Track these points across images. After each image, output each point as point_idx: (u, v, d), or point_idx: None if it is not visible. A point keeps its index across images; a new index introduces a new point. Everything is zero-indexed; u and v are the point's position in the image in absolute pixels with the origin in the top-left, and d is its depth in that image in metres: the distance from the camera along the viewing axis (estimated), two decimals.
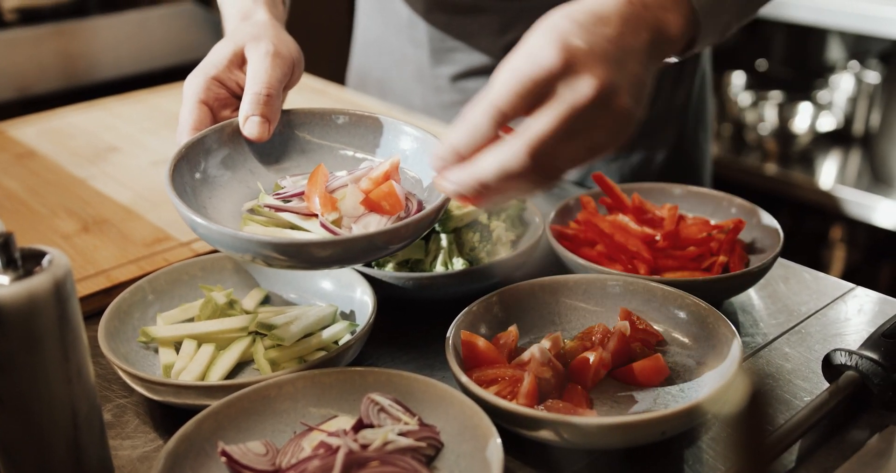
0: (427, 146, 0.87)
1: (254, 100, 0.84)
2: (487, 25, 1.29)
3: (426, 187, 0.86)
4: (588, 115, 0.67)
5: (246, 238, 0.72)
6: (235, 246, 0.73)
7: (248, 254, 0.73)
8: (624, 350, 0.81)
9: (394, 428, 0.69)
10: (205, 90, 0.86)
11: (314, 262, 0.74)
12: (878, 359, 0.77)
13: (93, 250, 1.03)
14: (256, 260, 0.74)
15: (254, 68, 0.86)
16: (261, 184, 0.87)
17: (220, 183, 0.85)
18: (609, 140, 0.70)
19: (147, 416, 0.80)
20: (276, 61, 0.86)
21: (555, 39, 0.68)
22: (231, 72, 0.88)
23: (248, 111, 0.84)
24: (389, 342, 0.90)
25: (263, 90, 0.84)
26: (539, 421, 0.69)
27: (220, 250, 0.76)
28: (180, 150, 0.82)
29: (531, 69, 0.68)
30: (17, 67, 1.64)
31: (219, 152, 0.85)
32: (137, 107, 1.50)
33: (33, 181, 1.23)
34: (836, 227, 2.40)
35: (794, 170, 2.32)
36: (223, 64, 0.87)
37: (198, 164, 0.83)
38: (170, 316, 0.89)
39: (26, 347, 0.61)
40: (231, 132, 0.86)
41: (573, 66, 0.67)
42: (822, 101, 2.42)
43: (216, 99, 0.88)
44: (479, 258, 0.94)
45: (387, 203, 0.81)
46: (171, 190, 0.77)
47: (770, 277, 1.00)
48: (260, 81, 0.85)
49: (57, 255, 0.63)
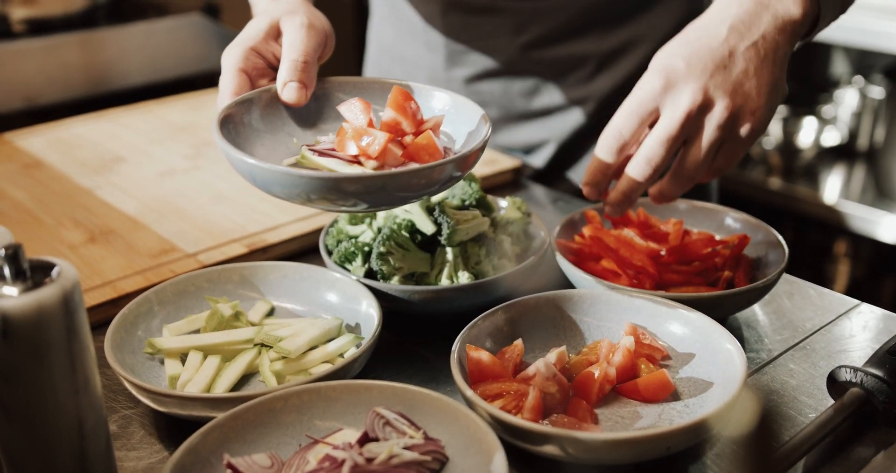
0: (459, 107, 0.91)
1: (291, 66, 0.89)
2: (502, 26, 1.31)
3: (459, 146, 0.90)
4: (694, 122, 0.81)
5: (306, 174, 0.75)
6: (292, 184, 0.76)
7: (304, 193, 0.77)
8: (629, 365, 0.81)
9: (399, 442, 0.69)
10: (243, 59, 0.90)
11: (358, 197, 0.77)
12: (883, 376, 0.77)
13: (99, 261, 1.04)
14: (310, 198, 0.77)
15: (290, 38, 0.90)
16: (297, 141, 0.91)
17: (261, 143, 0.88)
18: (736, 134, 0.82)
19: (153, 427, 0.81)
20: (310, 32, 0.90)
21: (657, 64, 0.84)
22: (268, 43, 0.91)
23: (286, 77, 0.89)
24: (395, 355, 0.91)
25: (301, 57, 0.89)
26: (544, 436, 0.69)
27: (274, 194, 0.79)
28: (224, 110, 0.86)
29: (638, 94, 0.84)
30: (25, 78, 1.65)
31: (258, 115, 0.89)
32: (144, 118, 1.51)
33: (40, 191, 1.23)
34: (841, 242, 2.40)
35: (799, 184, 2.32)
36: (260, 36, 0.91)
37: (239, 125, 0.87)
38: (176, 327, 0.89)
39: (34, 358, 0.61)
40: (269, 98, 0.90)
41: (672, 84, 0.82)
42: (826, 116, 2.43)
43: (254, 68, 0.91)
44: (484, 272, 0.95)
45: (426, 153, 0.84)
46: (220, 138, 0.81)
47: (775, 293, 1.00)
48: (297, 49, 0.89)
49: (66, 267, 0.63)
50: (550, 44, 1.31)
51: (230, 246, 1.07)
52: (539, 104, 1.36)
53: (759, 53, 0.84)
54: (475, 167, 1.24)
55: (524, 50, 1.32)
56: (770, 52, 0.85)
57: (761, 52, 0.84)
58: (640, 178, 0.85)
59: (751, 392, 0.72)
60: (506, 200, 1.05)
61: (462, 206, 0.98)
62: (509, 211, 1.03)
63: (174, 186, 1.24)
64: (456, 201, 0.99)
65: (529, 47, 1.31)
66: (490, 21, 1.31)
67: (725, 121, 0.83)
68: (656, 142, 0.83)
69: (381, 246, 0.92)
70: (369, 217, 1.00)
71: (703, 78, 0.83)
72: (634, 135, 0.85)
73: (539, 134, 1.38)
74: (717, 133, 0.83)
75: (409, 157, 0.85)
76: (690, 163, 0.84)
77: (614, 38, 1.32)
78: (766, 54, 0.85)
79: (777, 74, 0.85)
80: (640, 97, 0.85)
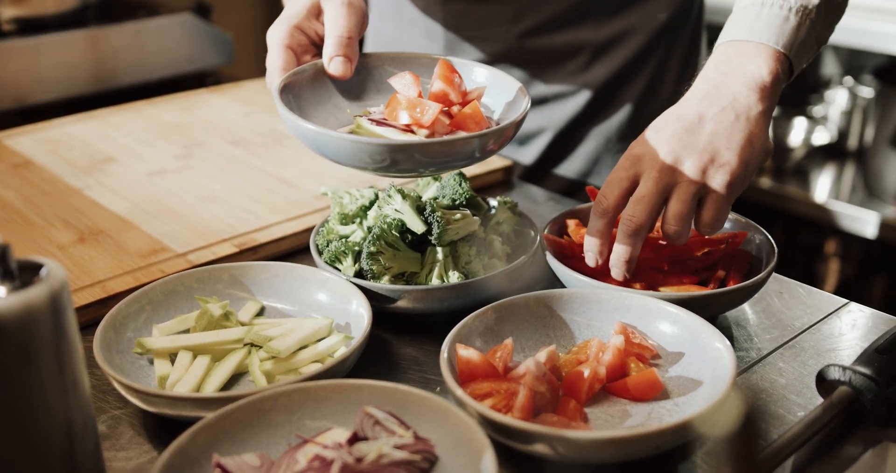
0: (498, 80, 0.97)
1: (337, 42, 0.93)
2: (502, 13, 1.33)
3: (497, 116, 0.96)
4: (668, 179, 0.87)
5: (374, 142, 0.81)
6: (358, 151, 0.82)
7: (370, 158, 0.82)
8: (619, 364, 0.82)
9: (388, 441, 0.69)
10: (288, 37, 0.95)
11: (416, 162, 0.83)
12: (871, 375, 0.77)
13: (88, 261, 1.03)
14: (374, 164, 0.83)
15: (332, 16, 0.94)
16: (350, 111, 0.96)
17: (313, 114, 0.93)
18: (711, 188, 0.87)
19: (142, 428, 0.80)
20: (350, 10, 0.94)
21: (636, 140, 0.91)
22: (310, 21, 0.96)
23: (332, 52, 0.93)
24: (385, 355, 0.91)
25: (345, 33, 0.93)
26: (533, 435, 0.69)
27: (338, 160, 0.85)
28: (283, 79, 0.91)
29: (617, 165, 0.90)
30: (14, 78, 1.65)
31: (309, 88, 0.94)
32: (134, 118, 1.51)
33: (29, 191, 1.23)
34: (831, 241, 2.41)
35: (789, 184, 2.33)
36: (303, 14, 0.95)
37: (294, 96, 0.92)
38: (165, 327, 0.89)
39: (22, 359, 0.61)
40: (315, 71, 0.95)
41: (647, 151, 0.88)
42: (816, 116, 2.43)
43: (298, 45, 0.96)
44: (474, 271, 0.95)
45: (472, 122, 0.89)
46: (284, 107, 0.86)
47: (764, 292, 1.00)
48: (341, 26, 0.93)
49: (54, 267, 0.63)
50: (547, 32, 1.33)
51: (220, 245, 1.07)
52: (536, 93, 1.38)
53: (729, 115, 0.88)
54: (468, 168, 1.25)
55: (522, 38, 1.34)
56: (742, 112, 0.88)
57: (731, 114, 0.88)
58: (625, 239, 0.88)
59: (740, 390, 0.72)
60: (496, 200, 1.05)
61: (452, 206, 0.98)
62: (499, 210, 1.03)
63: (164, 186, 1.24)
64: (446, 201, 0.99)
65: (527, 35, 1.33)
66: (489, 9, 1.33)
67: (696, 174, 0.86)
68: (634, 201, 0.87)
69: (371, 245, 0.92)
70: (359, 216, 1.00)
71: (673, 141, 0.88)
72: (617, 201, 0.89)
73: (536, 122, 1.40)
74: (690, 187, 0.86)
75: (457, 126, 0.90)
76: (669, 216, 0.88)
77: (609, 28, 1.34)
78: (738, 115, 0.88)
79: (753, 131, 0.88)
80: (618, 167, 0.90)
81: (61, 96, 1.72)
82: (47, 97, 1.70)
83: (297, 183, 1.24)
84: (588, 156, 1.41)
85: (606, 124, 1.39)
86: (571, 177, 1.43)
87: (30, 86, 1.68)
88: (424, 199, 0.99)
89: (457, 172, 1.01)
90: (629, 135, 1.38)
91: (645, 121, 0.93)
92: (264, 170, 1.29)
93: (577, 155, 1.41)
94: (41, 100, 1.69)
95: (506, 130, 0.87)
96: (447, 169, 0.88)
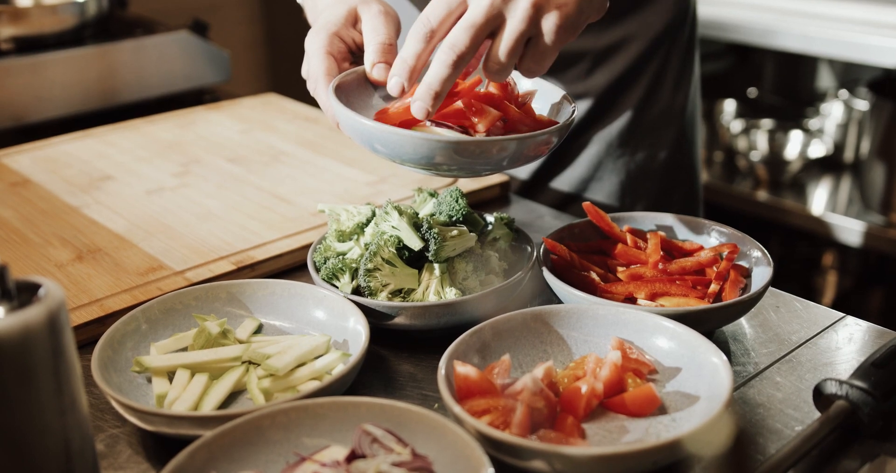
0: (542, 87, 0.99)
1: (378, 49, 0.94)
2: None
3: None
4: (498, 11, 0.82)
5: (435, 138, 0.82)
6: (420, 147, 0.83)
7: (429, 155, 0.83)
8: (616, 380, 0.82)
9: (386, 459, 0.69)
10: (329, 44, 0.96)
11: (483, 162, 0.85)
12: (868, 389, 0.77)
13: (86, 279, 1.04)
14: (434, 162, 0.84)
15: (371, 24, 0.96)
16: None
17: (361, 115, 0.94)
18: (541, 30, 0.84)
19: (140, 446, 0.80)
20: (388, 18, 0.96)
21: None
22: (347, 29, 0.97)
23: (374, 58, 0.94)
24: (382, 372, 0.91)
25: (386, 39, 0.94)
26: (531, 452, 0.69)
27: (397, 160, 0.86)
28: (335, 84, 0.92)
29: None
30: (12, 96, 1.65)
31: (355, 92, 0.96)
32: (131, 136, 1.51)
33: (27, 209, 1.23)
34: (828, 253, 2.41)
35: (785, 196, 2.34)
36: (341, 22, 0.97)
37: (344, 98, 0.92)
38: (163, 345, 0.89)
39: (20, 379, 0.61)
40: (358, 77, 0.96)
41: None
42: (812, 129, 2.44)
43: (338, 52, 0.97)
44: (471, 287, 0.95)
45: (524, 124, 0.91)
46: (340, 106, 0.87)
47: (761, 306, 1.00)
48: (381, 33, 0.95)
49: (52, 287, 0.63)
50: None
51: (218, 263, 1.07)
52: None
53: None
54: (462, 182, 1.26)
55: None
56: None
57: None
58: (444, 66, 0.84)
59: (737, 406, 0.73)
60: (492, 216, 1.05)
61: (449, 222, 0.99)
62: (496, 226, 1.04)
63: (162, 204, 1.24)
64: (443, 217, 0.99)
65: None
66: None
67: (529, 11, 0.83)
68: (459, 29, 0.84)
69: (368, 262, 0.92)
70: (357, 233, 1.00)
71: None
72: (441, 24, 0.86)
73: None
74: (521, 25, 0.83)
75: (511, 128, 0.91)
76: (494, 54, 0.85)
77: (609, 36, 1.36)
78: None
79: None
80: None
81: (60, 115, 1.72)
82: (46, 116, 1.70)
83: (295, 199, 1.25)
84: (590, 163, 1.42)
85: (607, 130, 1.41)
86: (568, 190, 1.43)
87: (28, 104, 1.68)
88: (421, 216, 0.99)
89: (454, 189, 1.02)
90: (629, 140, 1.39)
91: (644, 126, 0.92)
92: (261, 187, 1.29)
93: (579, 161, 1.43)
94: (39, 119, 1.70)
95: (559, 129, 0.88)
96: (509, 167, 0.88)
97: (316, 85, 0.95)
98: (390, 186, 1.29)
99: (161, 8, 2.49)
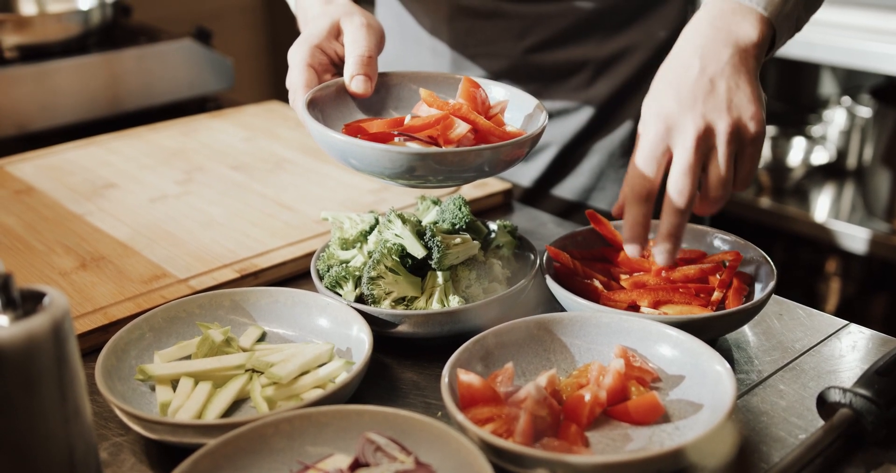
0: (515, 96, 1.00)
1: (357, 61, 0.96)
2: (508, 30, 1.36)
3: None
4: (705, 145, 0.84)
5: (403, 151, 0.83)
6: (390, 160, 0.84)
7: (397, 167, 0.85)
8: (619, 388, 0.82)
9: (390, 467, 0.69)
10: (310, 56, 0.97)
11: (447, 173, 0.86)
12: (872, 397, 0.77)
13: (90, 287, 1.04)
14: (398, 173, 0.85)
15: (352, 36, 0.97)
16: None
17: (336, 128, 0.94)
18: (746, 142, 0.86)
19: (143, 455, 0.80)
20: (370, 31, 0.98)
21: (651, 111, 0.87)
22: (330, 41, 0.98)
23: (353, 70, 0.96)
24: (385, 380, 0.91)
25: (365, 52, 0.96)
26: (535, 460, 0.69)
27: (370, 172, 0.87)
28: (308, 98, 0.93)
29: (645, 141, 0.86)
30: (16, 104, 1.65)
31: (332, 105, 0.97)
32: (135, 144, 1.51)
33: (31, 217, 1.23)
34: (831, 260, 2.41)
35: (789, 203, 2.33)
36: (323, 34, 0.98)
37: (319, 111, 0.95)
38: (167, 353, 0.89)
39: (24, 388, 0.61)
40: (337, 89, 0.98)
41: (673, 123, 0.85)
42: (815, 135, 2.44)
43: (319, 64, 0.98)
44: (474, 295, 0.95)
45: (494, 135, 0.92)
46: (311, 120, 0.89)
47: (764, 314, 1.00)
48: (361, 45, 0.96)
49: (56, 296, 0.63)
50: (552, 48, 1.36)
51: (221, 271, 1.08)
52: None
53: (734, 70, 0.88)
54: (465, 190, 1.26)
55: (527, 54, 1.36)
56: (742, 66, 0.88)
57: (735, 68, 0.88)
58: (678, 214, 0.85)
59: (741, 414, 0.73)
60: (496, 223, 1.05)
61: (452, 230, 0.99)
62: (499, 234, 1.04)
63: (165, 212, 1.24)
64: (446, 225, 0.99)
65: (532, 52, 1.36)
66: (495, 26, 1.36)
67: (731, 134, 0.85)
68: (680, 174, 0.84)
69: (371, 270, 0.92)
70: (360, 241, 1.00)
71: (698, 107, 0.85)
72: (657, 180, 0.86)
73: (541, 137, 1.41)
74: (728, 147, 0.85)
75: (481, 140, 0.92)
76: (715, 182, 0.86)
77: (612, 45, 1.37)
78: (741, 69, 0.88)
79: (756, 84, 0.89)
80: (648, 143, 0.86)
81: (64, 123, 1.73)
82: (50, 124, 1.71)
83: (298, 207, 1.25)
84: (592, 172, 1.42)
85: (609, 139, 1.41)
86: (571, 198, 1.44)
87: (32, 112, 1.68)
88: (424, 224, 0.99)
89: (457, 196, 1.02)
90: (631, 150, 1.39)
91: None
92: (265, 194, 1.30)
93: (581, 170, 1.43)
94: (43, 127, 1.70)
95: (529, 139, 0.89)
96: (474, 178, 0.90)
97: (294, 97, 0.96)
98: (393, 194, 1.29)
99: (165, 16, 2.50)
